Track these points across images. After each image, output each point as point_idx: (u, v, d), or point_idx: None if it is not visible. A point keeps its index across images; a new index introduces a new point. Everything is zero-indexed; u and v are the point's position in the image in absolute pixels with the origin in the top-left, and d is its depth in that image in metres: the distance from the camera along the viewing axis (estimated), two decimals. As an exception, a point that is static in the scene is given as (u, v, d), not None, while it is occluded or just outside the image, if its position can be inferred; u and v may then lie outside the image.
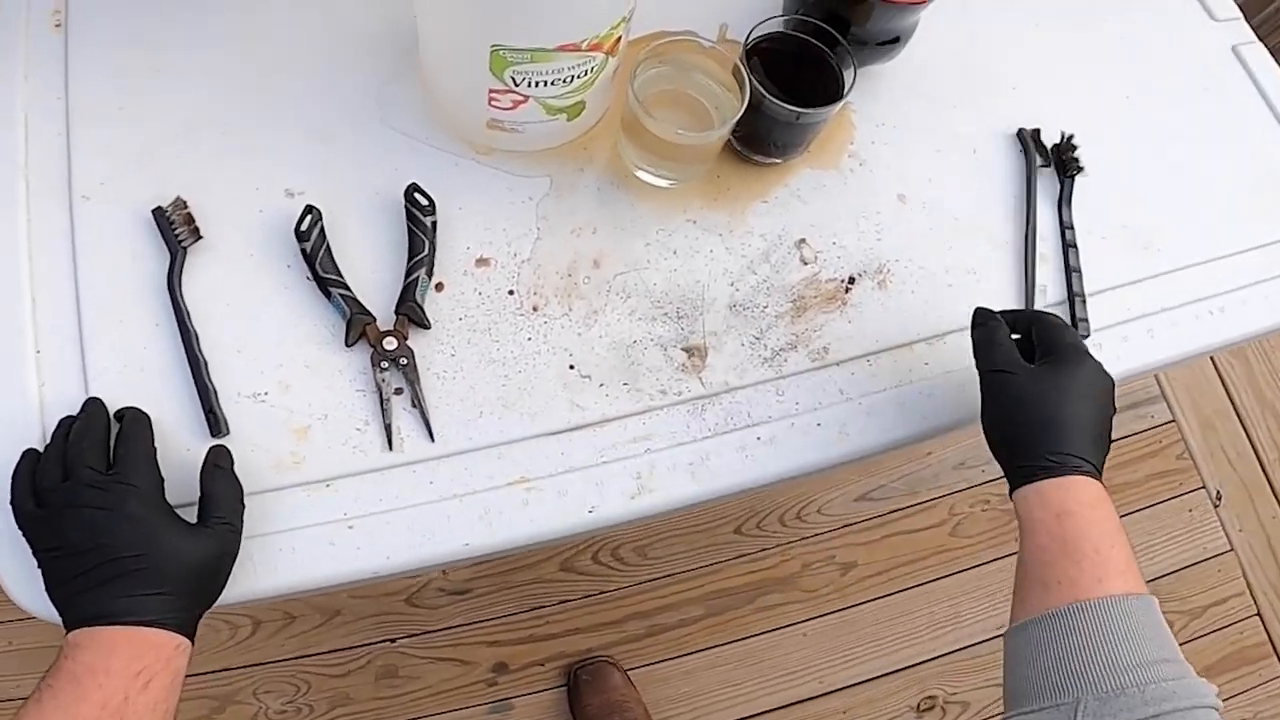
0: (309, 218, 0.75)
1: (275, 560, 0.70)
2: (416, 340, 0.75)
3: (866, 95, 0.88)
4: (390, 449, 0.73)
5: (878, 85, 0.88)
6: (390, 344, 0.73)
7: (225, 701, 1.58)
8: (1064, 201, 0.86)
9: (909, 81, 0.89)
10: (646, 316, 0.78)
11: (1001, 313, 0.72)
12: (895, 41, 0.84)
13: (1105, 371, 0.69)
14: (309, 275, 0.75)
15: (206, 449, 0.69)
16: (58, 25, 0.83)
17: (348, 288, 0.74)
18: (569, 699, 1.65)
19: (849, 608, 1.72)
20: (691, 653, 1.69)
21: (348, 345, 0.74)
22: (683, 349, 0.78)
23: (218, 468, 0.68)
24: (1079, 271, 0.83)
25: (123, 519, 0.61)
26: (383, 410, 0.73)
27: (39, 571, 0.62)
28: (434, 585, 1.66)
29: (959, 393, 0.80)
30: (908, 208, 0.85)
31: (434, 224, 0.76)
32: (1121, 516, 0.63)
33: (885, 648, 1.72)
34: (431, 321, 0.75)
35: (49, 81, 0.80)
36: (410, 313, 0.74)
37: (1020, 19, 0.94)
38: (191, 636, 0.61)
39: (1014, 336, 0.71)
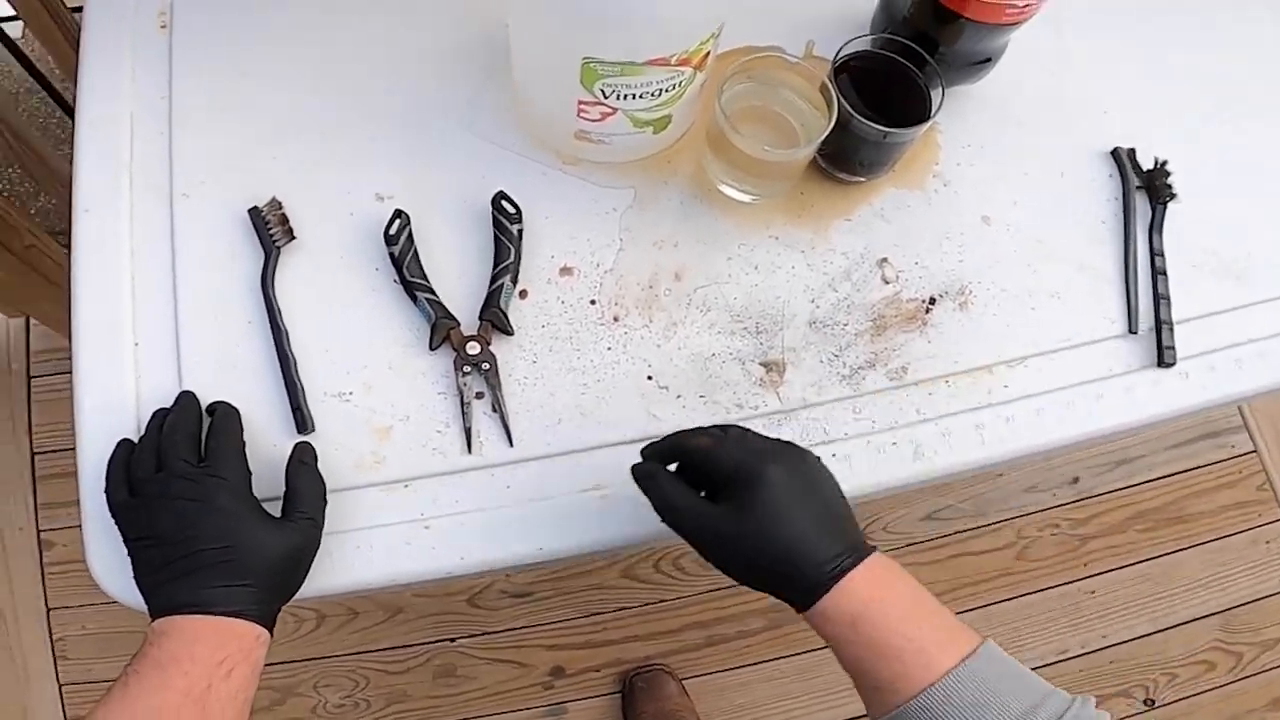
0: (398, 222, 0.76)
1: (352, 557, 0.71)
2: (499, 346, 0.76)
3: (953, 115, 0.87)
4: (469, 452, 0.74)
5: (964, 105, 0.87)
6: (473, 349, 0.74)
7: (286, 693, 1.62)
8: (1155, 228, 0.84)
9: (996, 102, 0.88)
10: (726, 330, 0.78)
11: (652, 451, 0.65)
12: (985, 62, 0.83)
13: (793, 453, 0.62)
14: (396, 279, 0.77)
15: (292, 445, 0.71)
16: (163, 26, 0.86)
17: (433, 292, 0.75)
18: (623, 705, 1.66)
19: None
20: (748, 665, 1.69)
21: (431, 349, 0.75)
22: (761, 364, 0.78)
23: (303, 464, 0.69)
24: (1168, 299, 0.82)
25: (212, 511, 0.62)
26: (463, 413, 0.74)
27: (127, 559, 0.64)
28: (496, 587, 1.68)
29: (1038, 418, 0.79)
30: (992, 229, 0.84)
31: (520, 232, 0.77)
32: (1193, 546, 0.61)
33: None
34: (514, 328, 0.76)
35: (154, 81, 0.83)
36: (494, 319, 0.75)
37: (1114, 41, 0.93)
38: (271, 628, 0.63)
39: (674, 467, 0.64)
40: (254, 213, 0.78)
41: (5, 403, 1.72)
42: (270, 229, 0.77)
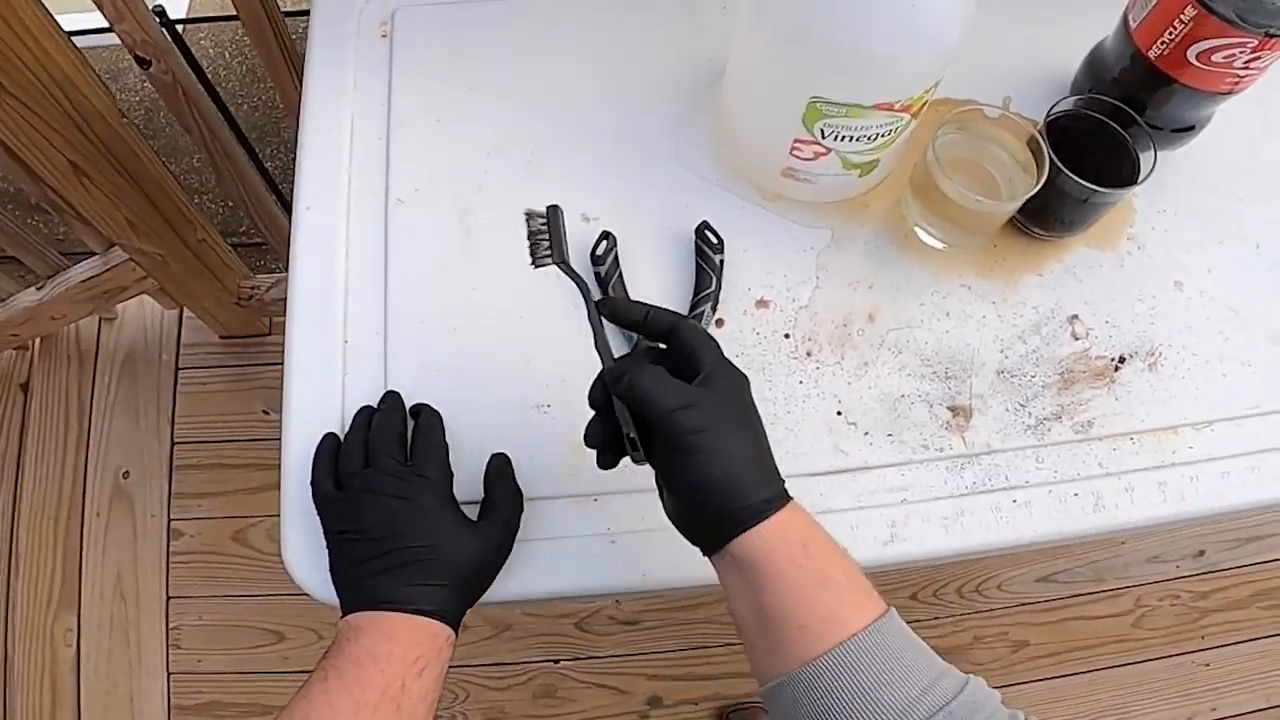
0: (605, 243, 0.79)
1: (538, 565, 0.73)
2: (695, 371, 0.78)
3: (1150, 180, 0.87)
4: (659, 473, 0.75)
5: (1163, 171, 0.87)
6: (671, 373, 0.76)
7: (385, 701, 1.64)
8: (1352, 304, 0.83)
9: (1196, 170, 0.88)
10: (915, 373, 0.79)
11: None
12: (1189, 130, 0.83)
13: (730, 379, 0.59)
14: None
15: (490, 453, 0.73)
16: (384, 35, 0.91)
17: (637, 313, 0.78)
18: (715, 740, 1.65)
19: (1013, 684, 1.69)
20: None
21: (630, 369, 0.77)
22: (948, 408, 0.78)
23: (501, 472, 0.71)
24: (1362, 376, 0.81)
25: (417, 510, 0.64)
26: (655, 434, 0.76)
27: (322, 551, 0.67)
28: (605, 613, 1.69)
29: (1222, 480, 0.78)
30: (1184, 295, 0.84)
31: (722, 262, 0.79)
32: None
33: None
34: (711, 355, 0.78)
35: (375, 89, 0.88)
36: (693, 344, 0.77)
37: (1317, 117, 0.92)
38: (458, 630, 0.64)
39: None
40: (530, 216, 0.72)
41: (152, 392, 1.79)
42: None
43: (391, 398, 0.74)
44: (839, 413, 0.78)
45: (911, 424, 0.78)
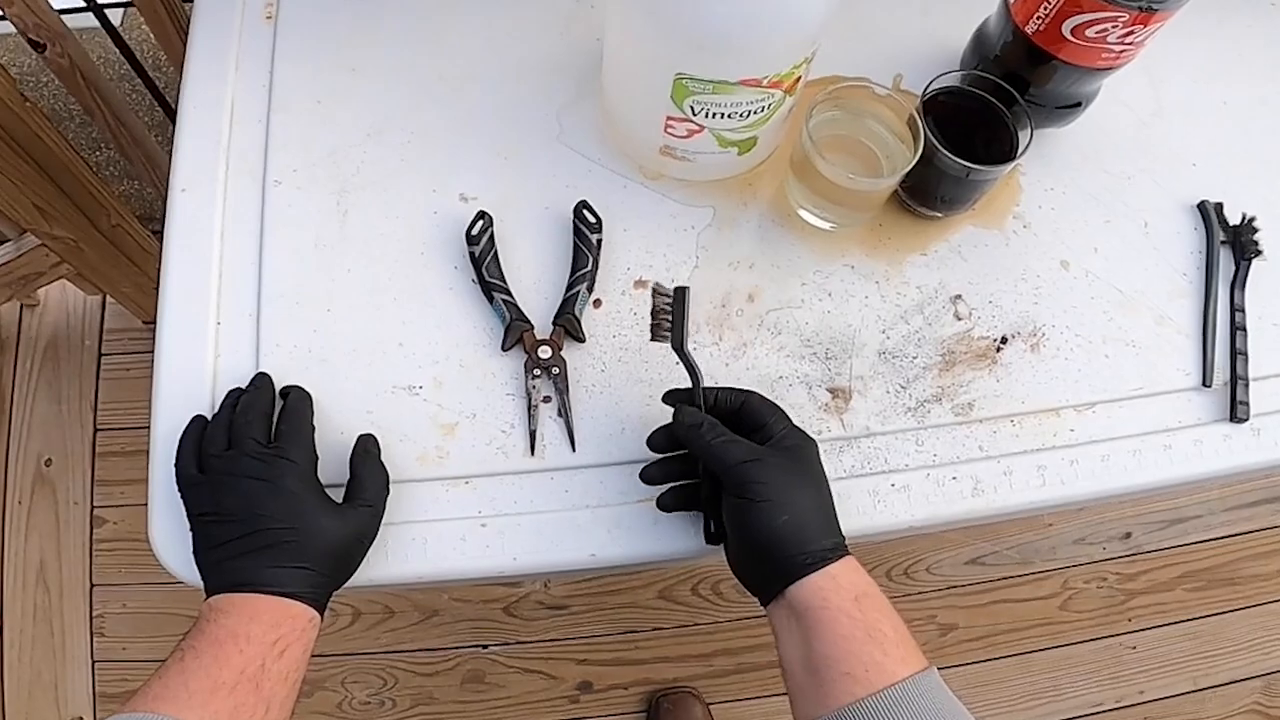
0: (481, 223, 0.78)
1: (407, 549, 0.72)
2: (570, 352, 0.77)
3: (1037, 158, 0.87)
4: (532, 454, 0.75)
5: (1050, 149, 0.87)
6: (545, 352, 0.75)
7: (314, 686, 1.64)
8: (1238, 283, 0.83)
9: (1083, 148, 0.88)
10: (795, 354, 0.79)
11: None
12: (1075, 107, 0.83)
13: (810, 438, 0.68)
14: (474, 278, 0.78)
15: (358, 434, 0.72)
16: (269, 17, 0.89)
17: (510, 294, 0.77)
18: (647, 725, 1.65)
19: (943, 669, 1.66)
20: (776, 695, 1.68)
21: (503, 349, 0.76)
22: (828, 389, 0.78)
23: (367, 453, 0.70)
24: (1245, 355, 0.81)
25: (279, 492, 0.63)
26: (529, 415, 0.75)
27: (188, 534, 0.65)
28: (533, 598, 1.69)
29: (1102, 464, 0.78)
30: (1069, 274, 0.83)
31: (599, 241, 0.78)
32: (1243, 609, 0.60)
33: (975, 713, 1.65)
34: (586, 335, 0.77)
35: (256, 71, 0.86)
36: (567, 324, 0.76)
37: (1208, 96, 0.92)
38: (323, 612, 0.64)
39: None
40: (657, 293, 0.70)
41: (75, 378, 1.76)
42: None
43: (261, 379, 0.73)
44: (716, 394, 0.77)
45: (790, 406, 0.76)
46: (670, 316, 0.66)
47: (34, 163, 1.20)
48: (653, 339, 0.68)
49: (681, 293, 0.66)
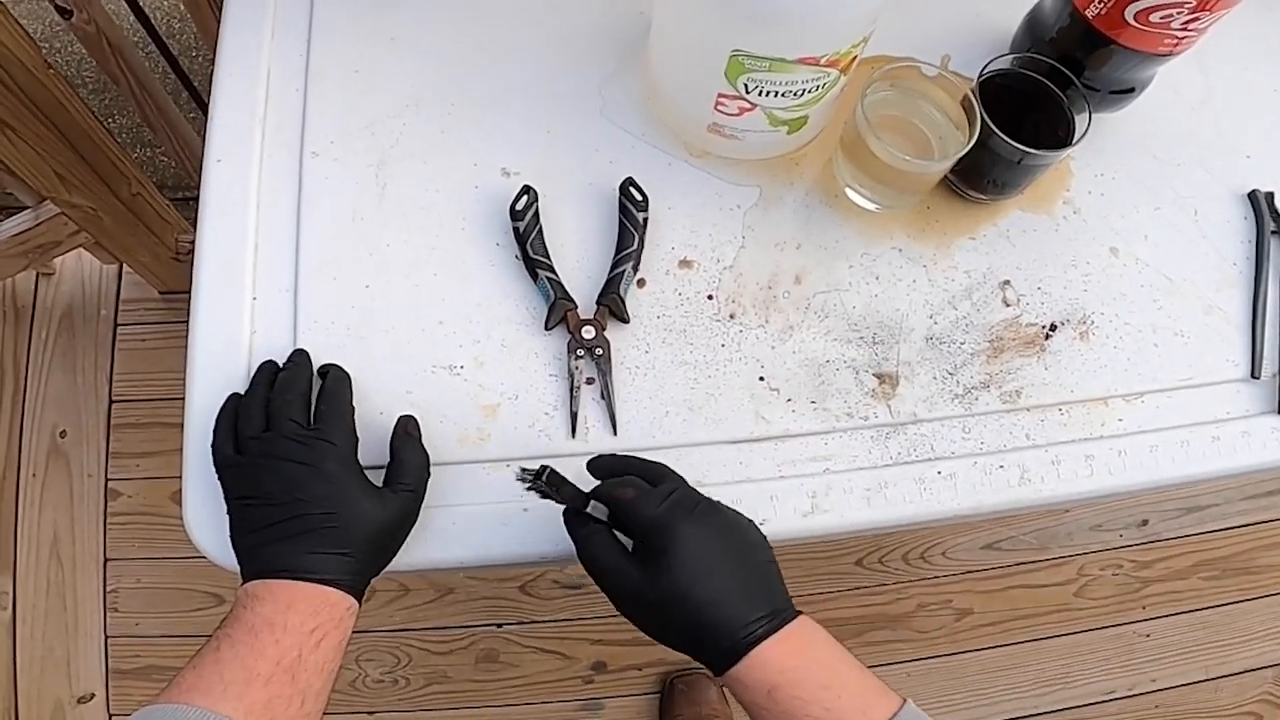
0: (525, 198, 0.76)
1: (447, 532, 0.71)
2: (613, 333, 0.75)
3: (1088, 144, 0.84)
4: (573, 437, 0.73)
5: (1101, 135, 0.86)
6: (588, 333, 0.74)
7: (327, 664, 1.63)
8: (1289, 273, 0.82)
9: (1135, 135, 0.86)
10: (842, 338, 0.77)
11: (590, 494, 0.63)
12: (1129, 92, 0.81)
13: (712, 513, 0.61)
14: (518, 254, 0.77)
15: (397, 415, 0.70)
16: (305, -13, 0.87)
17: (554, 271, 0.75)
18: (660, 706, 1.66)
19: (958, 654, 1.69)
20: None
21: (547, 329, 0.75)
22: (874, 375, 0.77)
23: (408, 436, 0.69)
24: (1296, 347, 0.80)
25: (319, 476, 0.62)
26: (571, 397, 0.74)
27: (224, 515, 0.64)
28: (549, 576, 1.68)
29: (1150, 455, 0.77)
30: (1119, 261, 0.82)
31: (645, 220, 0.77)
32: (1258, 599, 0.59)
33: (988, 698, 1.69)
34: (630, 316, 0.76)
35: (293, 41, 0.84)
36: (612, 305, 0.75)
37: (1262, 85, 0.91)
38: (361, 599, 0.62)
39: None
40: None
41: (90, 348, 1.75)
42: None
43: (299, 356, 0.72)
44: (761, 378, 0.76)
45: (836, 391, 0.76)
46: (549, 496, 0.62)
47: (56, 129, 1.19)
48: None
49: (544, 472, 0.60)
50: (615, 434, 0.74)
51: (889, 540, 1.73)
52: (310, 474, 0.62)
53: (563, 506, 0.62)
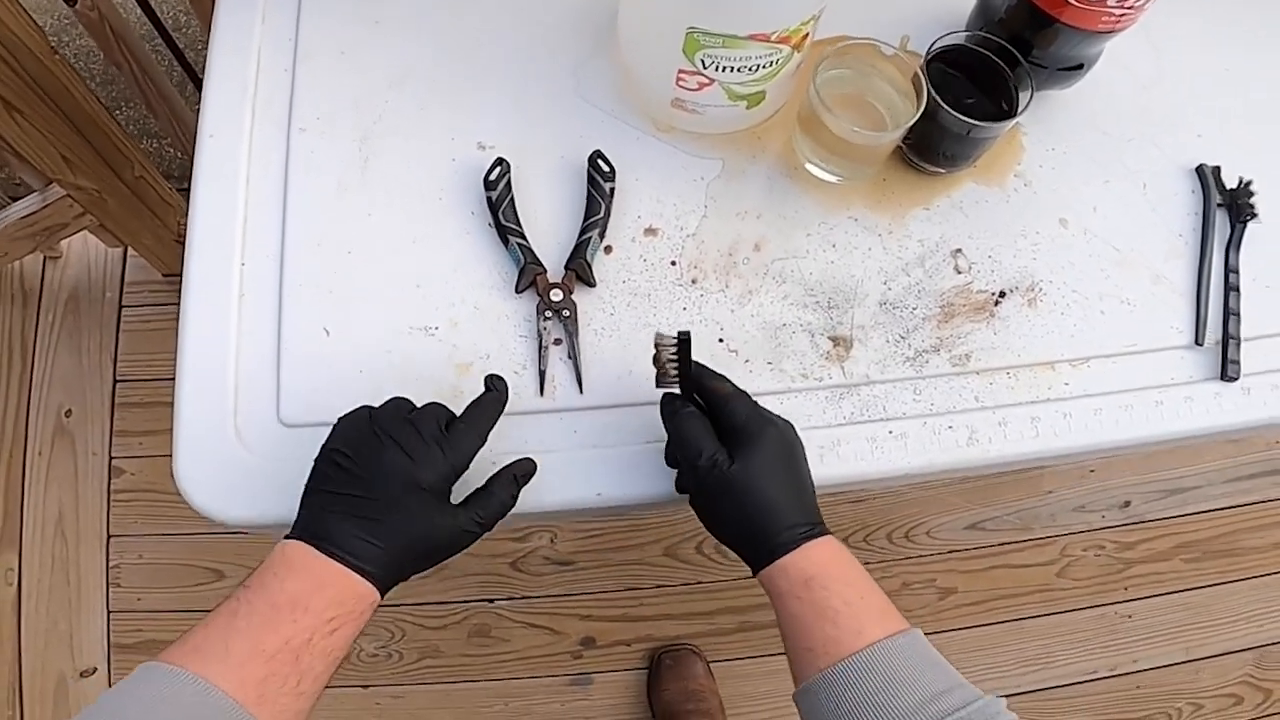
0: (498, 169, 0.81)
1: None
2: (581, 296, 0.79)
3: (1040, 119, 0.89)
4: (541, 394, 0.77)
5: (1053, 110, 0.89)
6: (556, 295, 0.78)
7: (322, 639, 1.66)
8: (1233, 245, 0.85)
9: (1085, 110, 0.90)
10: (799, 303, 0.81)
11: (681, 386, 0.69)
12: (1077, 69, 0.85)
13: (786, 426, 0.69)
14: (490, 222, 0.81)
15: (522, 457, 0.71)
16: (294, -30, 0.91)
17: (525, 238, 0.79)
18: (648, 681, 1.69)
19: (940, 632, 1.73)
20: (777, 654, 1.69)
21: (517, 292, 0.79)
22: (829, 338, 0.80)
23: (513, 480, 0.69)
24: (1238, 315, 0.83)
25: (416, 480, 0.62)
26: (540, 357, 0.77)
27: (214, 473, 0.68)
28: (540, 553, 1.72)
29: (1095, 417, 0.80)
30: (1068, 232, 0.86)
31: (612, 190, 0.81)
32: (1239, 581, 0.62)
33: (970, 676, 1.66)
34: (597, 280, 0.80)
35: (283, 22, 0.88)
36: (579, 269, 0.79)
37: (1210, 63, 0.94)
38: (383, 597, 0.63)
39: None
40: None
41: (95, 329, 1.79)
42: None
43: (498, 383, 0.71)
44: (720, 340, 0.80)
45: (792, 353, 0.80)
46: (677, 365, 0.67)
47: (62, 113, 1.23)
48: (658, 385, 0.69)
49: (687, 339, 0.66)
50: (581, 392, 0.77)
51: (874, 519, 1.77)
52: (410, 472, 0.62)
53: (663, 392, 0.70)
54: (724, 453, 0.66)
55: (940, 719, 0.55)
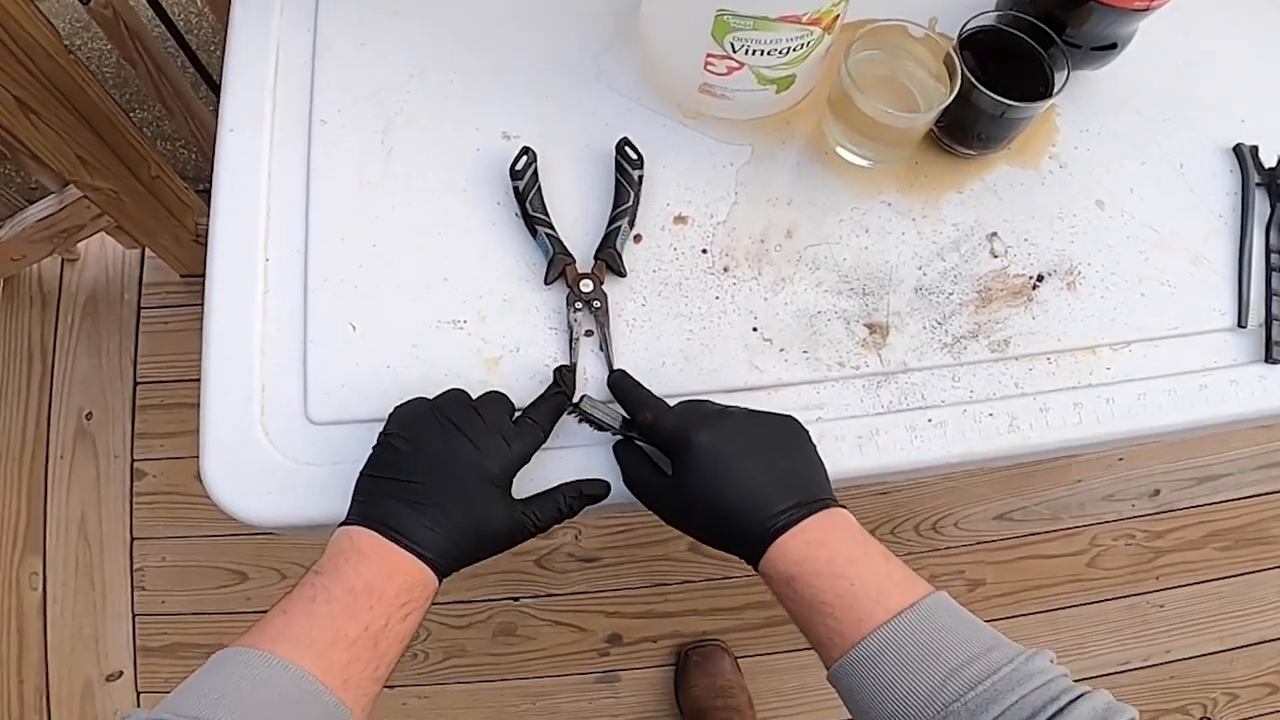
0: (524, 158, 0.79)
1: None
2: (611, 286, 0.78)
3: (1074, 100, 0.87)
4: (573, 388, 0.76)
5: (1087, 91, 0.88)
6: (586, 286, 0.77)
7: (350, 638, 1.66)
8: (1274, 225, 0.84)
9: (1120, 90, 0.88)
10: (833, 290, 0.80)
11: (620, 432, 0.70)
12: (1111, 48, 0.83)
13: (726, 417, 0.65)
14: (518, 213, 0.79)
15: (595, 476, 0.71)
16: (313, -38, 0.90)
17: (553, 228, 0.78)
18: (675, 678, 1.68)
19: (971, 625, 1.69)
20: (805, 648, 1.68)
21: (546, 283, 0.78)
22: (865, 325, 0.79)
23: (581, 495, 0.69)
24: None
25: (479, 470, 0.62)
26: (571, 349, 0.76)
27: (241, 471, 0.67)
28: (564, 550, 1.71)
29: (1138, 402, 0.79)
30: (1105, 214, 0.84)
31: (640, 178, 0.79)
32: (1272, 569, 0.60)
33: None
34: (627, 270, 0.78)
35: (301, 16, 0.87)
36: (609, 259, 0.77)
37: (1246, 42, 0.92)
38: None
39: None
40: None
41: (114, 332, 1.79)
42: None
43: (565, 374, 0.73)
44: (755, 329, 0.78)
45: (827, 341, 0.78)
46: (599, 422, 0.70)
47: (77, 113, 1.23)
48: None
49: (573, 402, 0.70)
50: (613, 384, 0.76)
51: (901, 511, 1.75)
52: (475, 461, 0.63)
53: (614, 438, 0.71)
54: (659, 474, 0.65)
55: (968, 693, 0.52)
